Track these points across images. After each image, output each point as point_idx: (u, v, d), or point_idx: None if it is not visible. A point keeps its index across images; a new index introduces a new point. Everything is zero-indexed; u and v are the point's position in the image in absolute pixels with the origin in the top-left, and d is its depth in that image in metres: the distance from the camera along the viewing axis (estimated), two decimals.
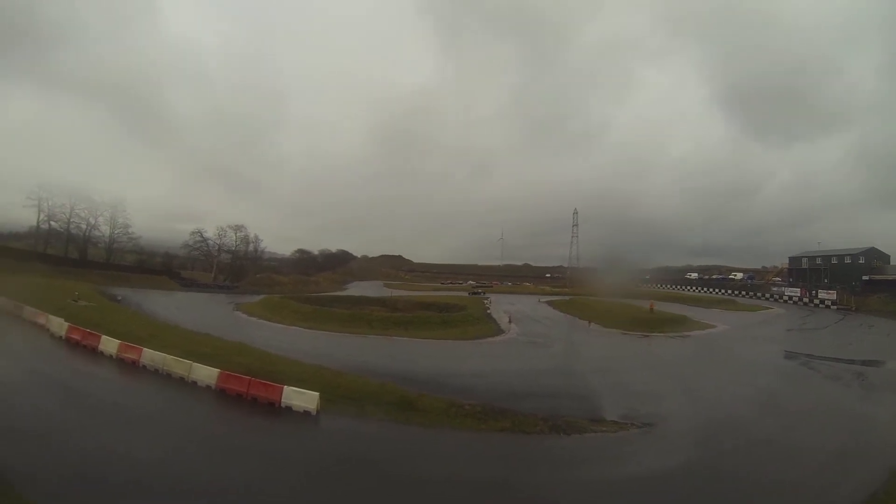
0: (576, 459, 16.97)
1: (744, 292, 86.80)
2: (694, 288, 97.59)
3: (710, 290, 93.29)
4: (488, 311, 56.68)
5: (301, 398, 18.60)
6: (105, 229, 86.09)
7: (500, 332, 45.98)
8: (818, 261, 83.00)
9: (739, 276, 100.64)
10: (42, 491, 10.86)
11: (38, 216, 78.65)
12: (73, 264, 75.56)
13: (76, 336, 26.65)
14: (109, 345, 24.96)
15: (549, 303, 69.69)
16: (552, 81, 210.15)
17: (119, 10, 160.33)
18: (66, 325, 27.93)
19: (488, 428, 18.75)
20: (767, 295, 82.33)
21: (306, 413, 18.24)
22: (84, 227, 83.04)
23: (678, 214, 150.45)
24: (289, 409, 18.61)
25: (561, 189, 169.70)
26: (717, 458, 16.63)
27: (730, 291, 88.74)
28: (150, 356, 23.12)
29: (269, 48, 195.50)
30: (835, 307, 68.79)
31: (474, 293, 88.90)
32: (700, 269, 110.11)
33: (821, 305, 71.14)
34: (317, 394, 18.62)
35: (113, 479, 11.99)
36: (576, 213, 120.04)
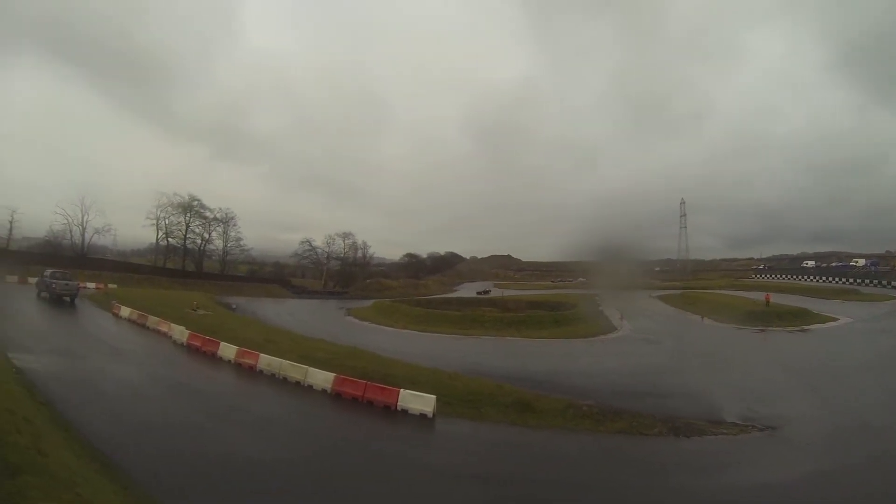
0: (698, 464, 15.86)
1: (867, 280, 78.48)
2: (811, 277, 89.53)
3: (829, 279, 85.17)
4: (600, 308, 55.36)
5: (417, 401, 18.63)
6: (218, 243, 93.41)
7: (612, 329, 44.97)
8: None
9: (862, 262, 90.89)
10: (166, 489, 11.20)
11: (157, 234, 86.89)
12: (191, 276, 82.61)
13: (196, 343, 28.26)
14: (227, 351, 26.12)
15: (660, 297, 66.68)
16: (652, 59, 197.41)
17: (202, 32, 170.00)
18: (186, 332, 29.64)
19: (606, 430, 18.05)
20: (894, 283, 74.03)
21: (423, 416, 18.26)
22: (199, 241, 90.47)
23: (794, 196, 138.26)
24: (405, 412, 18.67)
25: (667, 176, 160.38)
26: (854, 468, 14.78)
27: (851, 280, 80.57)
28: (267, 361, 23.94)
29: (358, 52, 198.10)
30: None
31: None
32: (817, 257, 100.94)
33: None
34: (433, 396, 18.60)
35: (239, 480, 12.26)
36: (683, 203, 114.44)
